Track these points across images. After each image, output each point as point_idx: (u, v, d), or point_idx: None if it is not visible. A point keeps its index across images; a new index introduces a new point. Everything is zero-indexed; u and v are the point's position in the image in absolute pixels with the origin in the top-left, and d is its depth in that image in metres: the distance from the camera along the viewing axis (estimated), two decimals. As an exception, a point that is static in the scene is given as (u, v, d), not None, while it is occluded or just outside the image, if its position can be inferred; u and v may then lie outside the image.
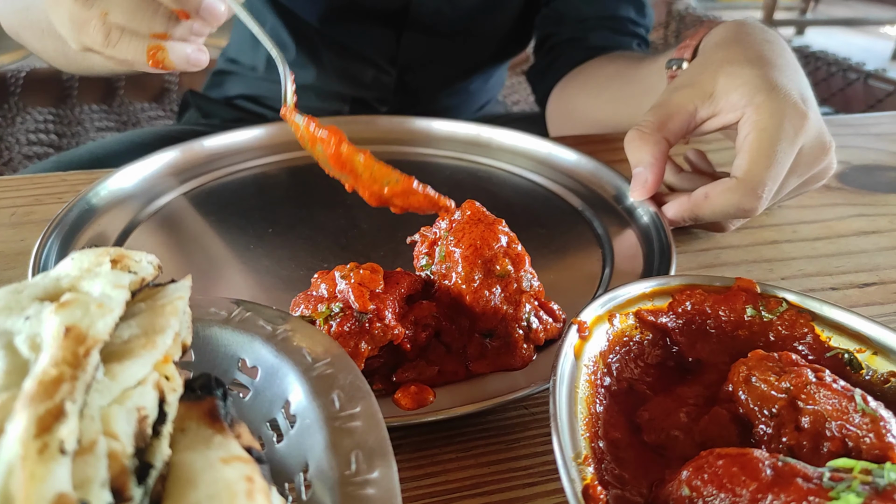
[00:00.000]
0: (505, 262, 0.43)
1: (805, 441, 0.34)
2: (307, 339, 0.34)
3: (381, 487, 0.27)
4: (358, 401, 0.31)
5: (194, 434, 0.26)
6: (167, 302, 0.29)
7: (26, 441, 0.20)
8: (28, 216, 0.61)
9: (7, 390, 0.23)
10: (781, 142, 0.53)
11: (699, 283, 0.44)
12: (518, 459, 0.38)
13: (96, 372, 0.24)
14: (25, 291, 0.28)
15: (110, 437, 0.23)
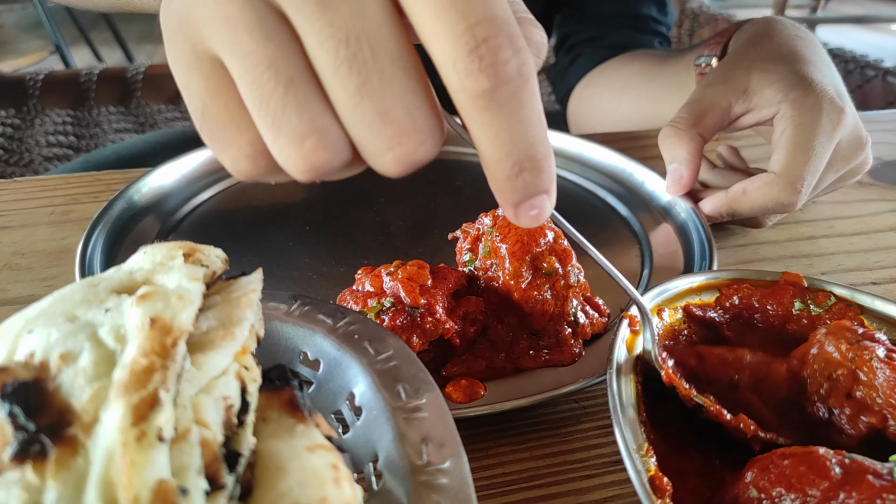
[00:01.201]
0: (552, 260, 0.43)
1: (848, 409, 0.35)
2: (368, 332, 0.35)
3: (454, 477, 0.27)
4: (423, 392, 0.31)
5: (276, 423, 0.27)
6: (242, 294, 0.29)
7: (125, 429, 0.21)
8: (66, 215, 0.62)
9: (98, 380, 0.23)
10: (819, 136, 0.53)
11: (746, 277, 0.44)
12: (572, 452, 0.38)
13: (184, 362, 0.24)
14: (101, 285, 0.28)
15: (201, 426, 0.23)
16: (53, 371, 0.23)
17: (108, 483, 0.21)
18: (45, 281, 0.52)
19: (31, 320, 0.26)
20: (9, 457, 0.21)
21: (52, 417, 0.22)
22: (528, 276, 0.43)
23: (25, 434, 0.21)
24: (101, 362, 0.24)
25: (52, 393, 0.23)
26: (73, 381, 0.23)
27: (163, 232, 0.57)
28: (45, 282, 0.52)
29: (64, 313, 0.26)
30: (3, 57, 2.39)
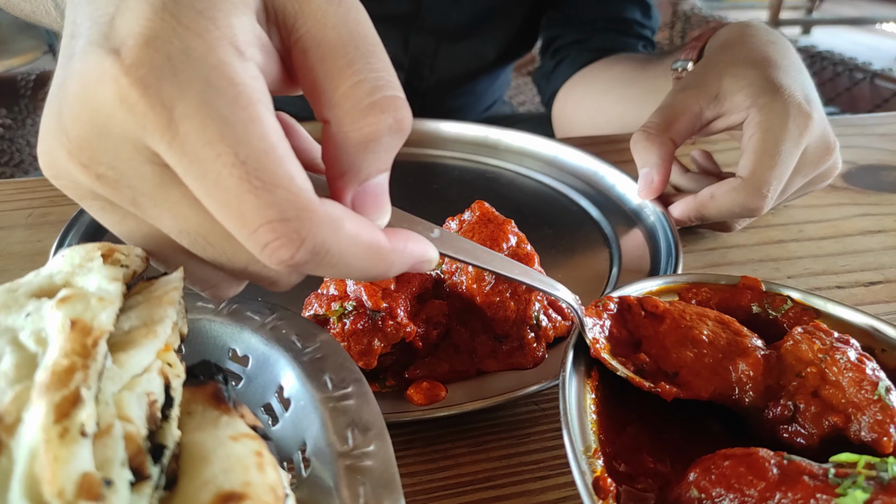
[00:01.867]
0: (515, 264, 0.43)
1: (813, 407, 0.35)
2: (295, 326, 0.36)
3: (379, 458, 0.28)
4: (349, 382, 0.32)
5: (201, 416, 0.28)
6: (163, 293, 0.30)
7: (47, 426, 0.21)
8: (44, 217, 0.62)
9: (20, 382, 0.24)
10: (786, 142, 0.53)
11: (705, 280, 0.45)
12: (529, 454, 0.38)
13: (106, 360, 0.25)
14: (21, 290, 0.28)
15: (125, 421, 0.24)
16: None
17: (32, 479, 0.21)
18: (18, 283, 0.53)
19: None
20: None
21: (-27, 420, 0.23)
22: (490, 281, 0.43)
23: (-53, 438, 0.22)
24: (22, 365, 0.24)
25: (-28, 397, 0.23)
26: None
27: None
28: (18, 284, 0.53)
29: None
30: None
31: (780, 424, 0.37)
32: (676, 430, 0.38)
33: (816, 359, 0.37)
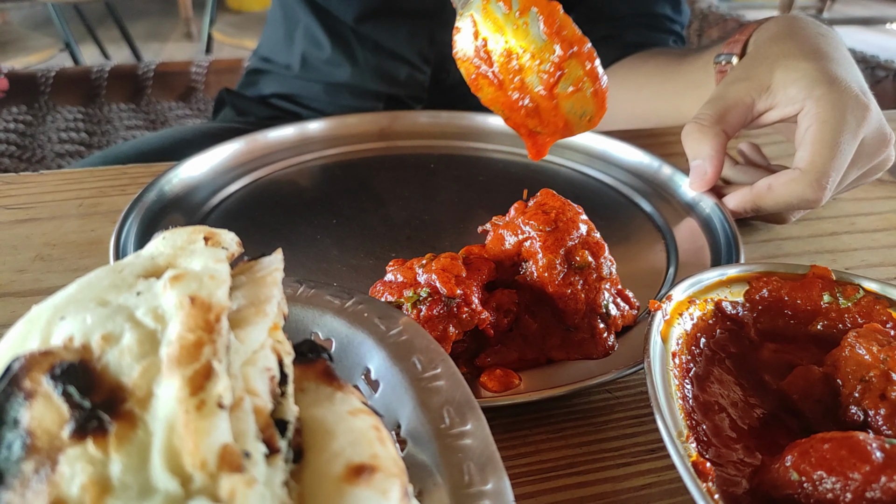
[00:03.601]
0: (585, 254, 0.43)
1: (884, 409, 0.35)
2: (377, 310, 0.35)
3: (477, 437, 0.28)
4: (438, 362, 0.32)
5: (315, 392, 0.28)
6: (266, 273, 0.30)
7: (184, 399, 0.21)
8: (95, 207, 0.62)
9: (145, 357, 0.23)
10: (844, 133, 0.53)
11: (776, 270, 0.45)
12: (608, 441, 0.38)
13: (229, 335, 0.25)
14: (126, 270, 0.28)
15: (252, 395, 0.24)
16: (97, 352, 0.24)
17: (172, 451, 0.21)
18: (77, 272, 0.53)
19: (59, 307, 0.26)
20: (68, 434, 0.21)
21: (104, 395, 0.22)
22: (562, 270, 0.43)
23: (82, 412, 0.22)
24: (144, 341, 0.24)
25: (101, 372, 0.23)
26: (120, 360, 0.23)
27: (192, 223, 0.58)
28: (77, 272, 0.53)
29: (94, 298, 0.26)
30: (13, 54, 2.39)
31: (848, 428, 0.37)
32: (758, 425, 0.38)
33: (878, 361, 0.37)
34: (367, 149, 0.74)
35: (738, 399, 0.39)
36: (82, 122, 1.96)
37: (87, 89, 2.08)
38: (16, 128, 1.90)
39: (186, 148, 1.01)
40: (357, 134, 0.75)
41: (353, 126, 0.75)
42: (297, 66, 1.17)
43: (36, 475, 0.21)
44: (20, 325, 0.26)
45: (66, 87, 2.07)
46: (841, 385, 0.38)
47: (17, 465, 0.21)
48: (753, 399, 0.40)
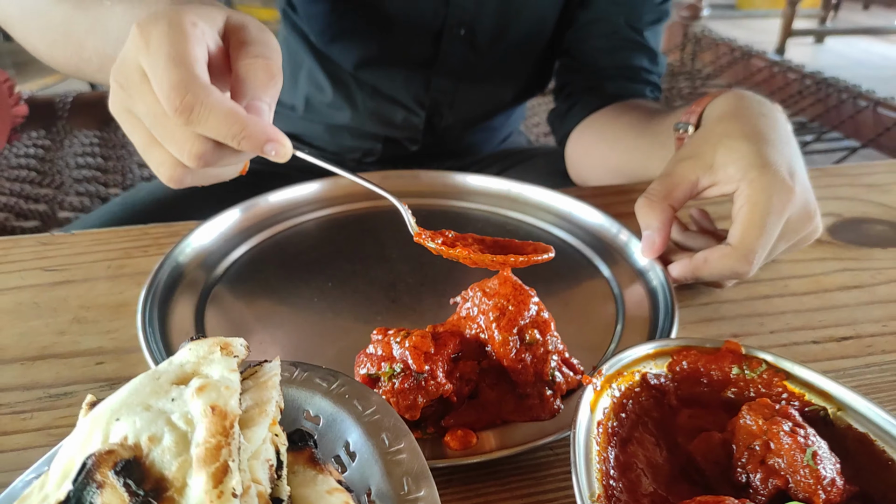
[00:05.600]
0: (534, 333, 0.52)
1: (760, 472, 0.44)
2: (356, 392, 0.44)
3: (428, 501, 0.37)
4: (402, 438, 0.41)
5: (303, 475, 0.36)
6: (267, 378, 0.39)
7: (209, 491, 0.30)
8: (121, 269, 0.72)
9: (180, 455, 0.32)
10: (770, 215, 0.61)
11: (693, 345, 0.53)
12: (546, 493, 0.47)
13: (240, 438, 0.33)
14: (162, 378, 0.37)
15: (256, 483, 0.33)
16: (145, 450, 0.33)
17: (201, 528, 0.30)
18: (109, 333, 0.62)
19: (115, 410, 0.35)
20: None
21: (152, 484, 0.31)
22: (514, 347, 0.52)
23: (138, 498, 0.31)
24: (179, 442, 0.33)
25: (149, 467, 0.32)
26: (163, 457, 0.32)
27: (206, 288, 0.67)
28: (109, 334, 0.62)
29: (140, 403, 0.35)
30: (31, 76, 2.49)
31: (738, 490, 0.45)
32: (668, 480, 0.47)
33: (762, 432, 0.45)
34: (359, 208, 0.83)
35: (654, 458, 0.48)
36: (98, 146, 2.06)
37: (103, 114, 2.17)
38: (35, 153, 2.00)
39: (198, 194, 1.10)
40: (349, 194, 0.84)
41: (345, 187, 0.84)
42: (301, 108, 1.26)
43: (104, 545, 0.30)
44: (87, 423, 0.35)
45: (83, 111, 2.17)
46: (735, 450, 0.46)
47: (92, 534, 0.30)
48: (668, 458, 0.48)
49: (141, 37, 0.49)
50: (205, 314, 0.63)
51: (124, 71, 0.50)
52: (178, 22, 0.49)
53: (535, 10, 1.12)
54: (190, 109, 0.47)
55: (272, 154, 0.50)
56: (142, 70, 0.49)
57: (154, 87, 0.48)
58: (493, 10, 1.10)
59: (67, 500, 0.31)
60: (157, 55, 0.48)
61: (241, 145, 0.48)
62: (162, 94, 0.47)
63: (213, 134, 0.48)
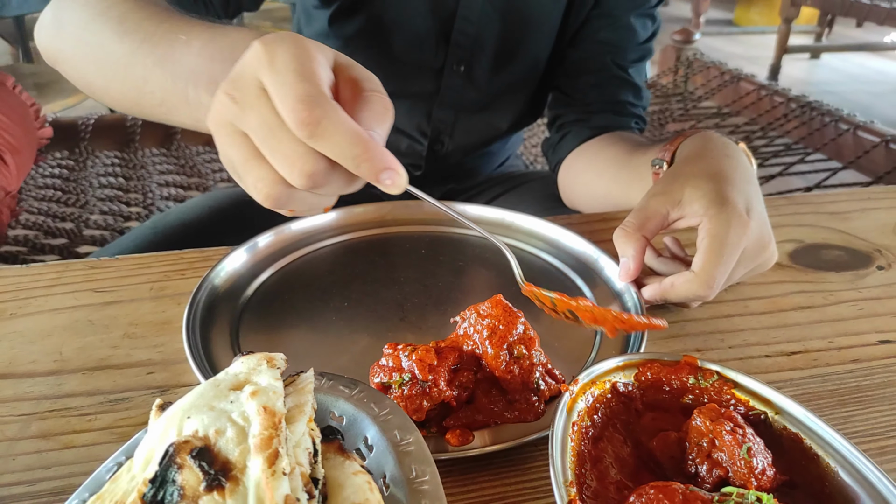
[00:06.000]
0: (521, 348, 0.62)
1: (707, 464, 0.53)
2: (372, 397, 0.54)
3: (432, 484, 0.46)
4: (410, 433, 0.50)
5: (333, 460, 0.46)
6: (304, 385, 0.49)
7: (264, 470, 0.40)
8: (163, 291, 0.82)
9: (241, 444, 0.42)
10: (728, 246, 0.71)
11: (656, 358, 0.63)
12: (531, 481, 0.57)
13: (286, 431, 0.43)
14: (221, 385, 0.47)
15: (299, 465, 0.42)
16: (213, 441, 0.42)
17: (259, 498, 0.39)
18: (156, 347, 0.72)
19: (185, 410, 0.45)
20: (203, 489, 0.40)
21: (220, 466, 0.41)
22: (504, 360, 0.62)
23: (209, 476, 0.40)
24: (239, 434, 0.43)
25: (217, 453, 0.42)
26: (227, 446, 0.42)
27: (238, 308, 0.77)
28: (156, 348, 0.72)
29: (206, 405, 0.45)
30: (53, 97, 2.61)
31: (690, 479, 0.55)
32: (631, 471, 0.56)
33: (708, 431, 0.55)
34: (372, 234, 0.93)
35: (621, 453, 0.57)
36: (119, 167, 2.17)
37: (123, 135, 2.29)
38: (60, 173, 2.11)
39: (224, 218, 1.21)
40: (363, 222, 0.94)
41: (359, 215, 0.94)
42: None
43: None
44: (162, 421, 0.45)
45: (104, 133, 2.28)
46: (687, 446, 0.56)
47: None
48: (632, 453, 0.58)
49: (265, 53, 0.49)
50: (239, 331, 0.73)
51: (239, 84, 0.50)
52: (304, 45, 0.50)
53: (529, 51, 1.23)
54: (317, 123, 0.46)
55: (387, 183, 0.49)
56: (261, 85, 0.49)
57: (276, 101, 0.48)
58: (490, 51, 1.21)
59: (155, 477, 0.41)
60: (284, 71, 0.48)
61: (360, 169, 0.48)
62: (287, 107, 0.47)
63: (333, 152, 0.47)
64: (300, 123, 0.46)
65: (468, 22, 1.18)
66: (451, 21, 1.18)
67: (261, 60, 0.49)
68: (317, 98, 0.47)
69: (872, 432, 0.62)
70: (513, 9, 1.19)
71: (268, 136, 0.49)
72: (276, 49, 0.49)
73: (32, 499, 0.55)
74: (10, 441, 0.60)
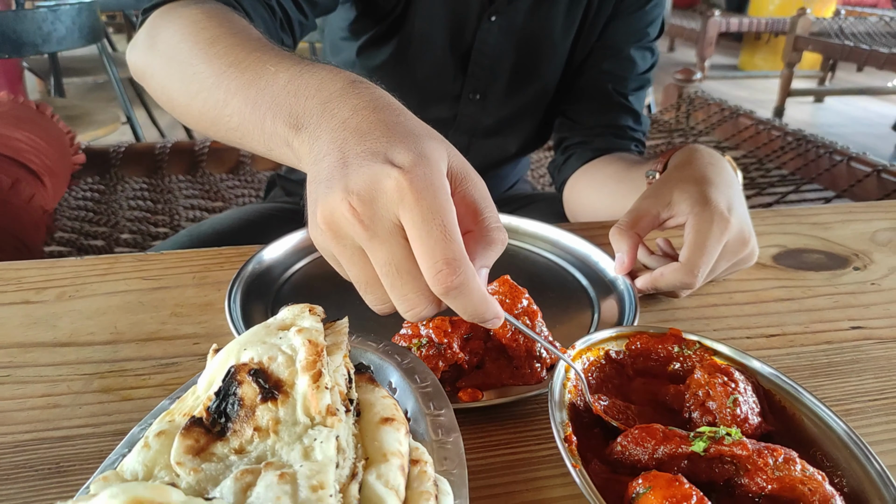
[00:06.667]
0: (525, 319, 0.70)
1: (699, 411, 0.61)
2: (395, 350, 0.62)
3: (447, 417, 0.55)
4: (428, 378, 0.59)
5: (365, 387, 0.54)
6: (340, 329, 0.57)
7: (310, 385, 0.48)
8: (204, 279, 0.91)
9: (290, 367, 0.50)
10: (710, 239, 0.80)
11: (644, 330, 0.71)
12: (532, 430, 0.64)
13: (326, 359, 0.52)
14: (271, 326, 0.56)
15: (337, 385, 0.51)
16: (267, 365, 0.51)
17: (306, 407, 0.48)
18: (200, 324, 0.81)
19: (241, 344, 0.53)
20: (259, 400, 0.48)
21: (273, 383, 0.49)
22: (510, 329, 0.70)
23: (265, 390, 0.49)
24: (288, 360, 0.51)
25: (270, 373, 0.50)
26: (278, 369, 0.50)
27: (273, 292, 0.86)
28: (200, 324, 0.81)
29: (259, 340, 0.54)
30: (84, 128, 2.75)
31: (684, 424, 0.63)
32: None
33: (705, 383, 0.63)
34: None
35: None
36: (147, 191, 2.29)
37: (151, 162, 2.42)
38: (91, 196, 2.23)
39: (252, 228, 1.31)
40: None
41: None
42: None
43: (246, 417, 0.48)
44: (222, 354, 0.54)
45: (133, 160, 2.41)
46: (686, 397, 0.63)
47: (236, 412, 0.48)
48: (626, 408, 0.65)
49: (410, 186, 0.48)
50: (275, 310, 0.82)
51: (372, 210, 0.50)
52: (441, 173, 0.50)
53: (540, 79, 1.34)
54: (458, 288, 0.48)
55: (490, 325, 0.55)
56: (398, 222, 0.50)
57: (420, 251, 0.49)
58: (503, 80, 1.32)
59: (219, 391, 0.49)
60: (431, 222, 0.48)
61: (474, 320, 0.53)
62: (431, 265, 0.48)
63: (459, 309, 0.51)
64: (443, 286, 0.49)
65: (484, 54, 1.29)
66: (468, 53, 1.29)
67: (404, 197, 0.48)
68: (461, 262, 0.49)
69: (839, 398, 0.70)
70: (526, 43, 1.30)
71: (395, 278, 0.51)
72: (423, 183, 0.48)
73: (98, 438, 0.63)
74: (76, 394, 0.69)
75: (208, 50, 0.73)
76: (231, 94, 0.67)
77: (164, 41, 0.82)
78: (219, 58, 0.71)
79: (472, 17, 1.25)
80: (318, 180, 0.54)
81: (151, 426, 0.50)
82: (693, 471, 0.55)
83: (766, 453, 0.53)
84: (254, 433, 0.47)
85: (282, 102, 0.61)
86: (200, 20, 0.78)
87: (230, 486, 0.43)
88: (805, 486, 0.51)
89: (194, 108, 0.74)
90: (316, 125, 0.57)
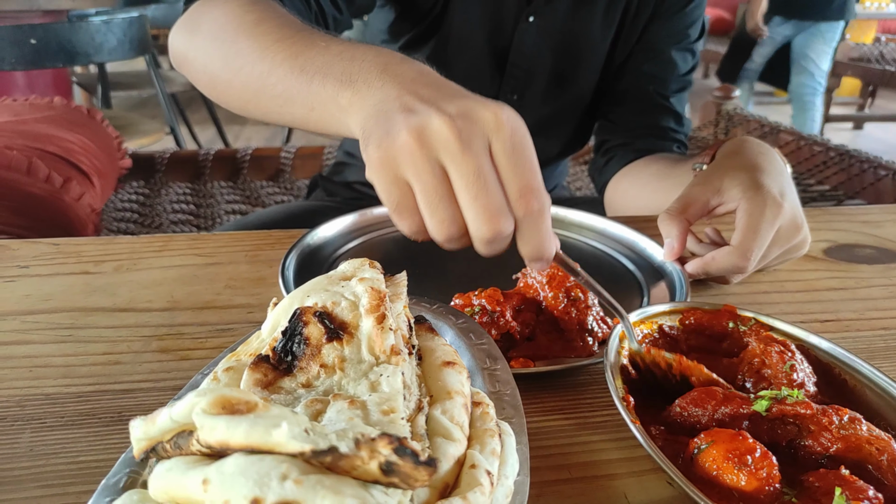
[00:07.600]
0: (577, 292, 0.71)
1: (754, 378, 0.60)
2: (450, 311, 0.63)
3: (504, 371, 0.55)
4: (483, 336, 0.59)
5: (425, 336, 0.55)
6: (399, 282, 0.58)
7: (374, 326, 0.49)
8: (256, 257, 0.93)
9: (353, 311, 0.51)
10: (764, 223, 0.79)
11: (699, 306, 0.70)
12: (584, 398, 0.64)
13: (389, 304, 0.52)
14: (333, 276, 0.57)
15: (399, 329, 0.51)
16: (331, 309, 0.52)
17: (370, 346, 0.48)
18: (253, 295, 0.82)
19: (306, 291, 0.54)
20: (324, 339, 0.49)
21: (338, 324, 0.50)
22: (563, 301, 0.70)
23: (331, 330, 0.50)
24: (351, 305, 0.52)
25: (334, 315, 0.51)
26: (343, 312, 0.51)
27: (325, 269, 0.87)
28: (253, 296, 0.82)
29: (322, 289, 0.55)
30: (130, 137, 2.83)
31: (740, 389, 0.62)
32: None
33: (761, 352, 0.62)
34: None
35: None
36: (190, 196, 2.34)
37: (195, 169, 2.48)
38: (137, 199, 2.29)
39: (296, 220, 1.33)
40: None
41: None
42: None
43: (311, 356, 0.49)
44: (286, 301, 0.55)
45: (178, 166, 2.47)
46: (740, 365, 0.63)
47: (302, 351, 0.49)
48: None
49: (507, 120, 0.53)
50: (325, 284, 0.83)
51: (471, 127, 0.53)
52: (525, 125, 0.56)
53: (578, 82, 1.35)
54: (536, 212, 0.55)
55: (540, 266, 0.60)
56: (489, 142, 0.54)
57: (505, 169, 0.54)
58: (541, 82, 1.33)
59: (285, 331, 0.50)
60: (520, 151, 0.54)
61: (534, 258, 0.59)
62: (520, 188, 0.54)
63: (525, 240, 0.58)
64: (525, 207, 0.54)
65: (522, 55, 1.30)
66: (505, 54, 1.31)
67: (500, 127, 0.53)
68: (544, 191, 0.55)
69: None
70: (563, 45, 1.31)
71: (480, 189, 0.53)
72: (516, 123, 0.54)
73: (158, 391, 0.65)
74: (137, 353, 0.70)
75: (254, 29, 0.74)
76: (277, 64, 0.69)
77: (208, 24, 0.84)
78: (264, 35, 0.72)
79: (509, 17, 1.27)
80: (390, 110, 0.56)
81: (219, 363, 0.52)
82: (755, 432, 0.54)
83: (831, 412, 0.52)
84: (320, 370, 0.48)
85: (334, 65, 0.63)
86: (244, 4, 0.80)
87: (301, 411, 0.44)
88: (872, 445, 0.50)
89: (237, 82, 0.76)
90: (378, 78, 0.59)
